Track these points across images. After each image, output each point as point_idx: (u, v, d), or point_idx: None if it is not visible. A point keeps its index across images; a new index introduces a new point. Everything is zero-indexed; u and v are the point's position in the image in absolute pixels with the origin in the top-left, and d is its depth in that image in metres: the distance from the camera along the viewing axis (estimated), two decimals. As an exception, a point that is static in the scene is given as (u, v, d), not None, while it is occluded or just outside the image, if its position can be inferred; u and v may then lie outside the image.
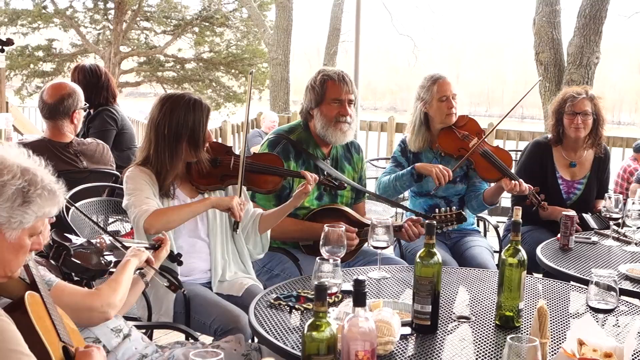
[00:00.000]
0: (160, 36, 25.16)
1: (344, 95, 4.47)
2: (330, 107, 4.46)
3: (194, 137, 3.87)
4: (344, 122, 4.48)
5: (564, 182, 5.23)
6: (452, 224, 4.42)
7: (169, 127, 3.85)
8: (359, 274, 3.77)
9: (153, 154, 3.89)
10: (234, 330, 3.57)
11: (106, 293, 2.91)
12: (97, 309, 2.86)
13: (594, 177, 5.30)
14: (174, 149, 3.86)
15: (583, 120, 5.12)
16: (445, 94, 5.01)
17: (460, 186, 5.11)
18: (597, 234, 4.62)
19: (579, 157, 5.30)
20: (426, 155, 5.11)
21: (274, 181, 4.19)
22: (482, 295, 3.49)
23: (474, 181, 5.15)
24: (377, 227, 3.59)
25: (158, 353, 3.14)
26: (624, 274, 3.76)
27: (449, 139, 5.06)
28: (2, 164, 2.35)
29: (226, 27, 24.85)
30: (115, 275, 3.02)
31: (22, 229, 2.37)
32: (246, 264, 4.16)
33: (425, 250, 2.95)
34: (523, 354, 2.26)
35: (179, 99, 3.91)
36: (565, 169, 5.27)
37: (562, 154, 5.29)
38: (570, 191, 5.26)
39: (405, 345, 2.85)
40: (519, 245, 3.03)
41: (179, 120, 3.84)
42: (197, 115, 3.87)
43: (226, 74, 24.99)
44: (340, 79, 4.47)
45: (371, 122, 12.39)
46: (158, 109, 3.90)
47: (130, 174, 3.89)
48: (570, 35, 11.99)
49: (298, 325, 3.03)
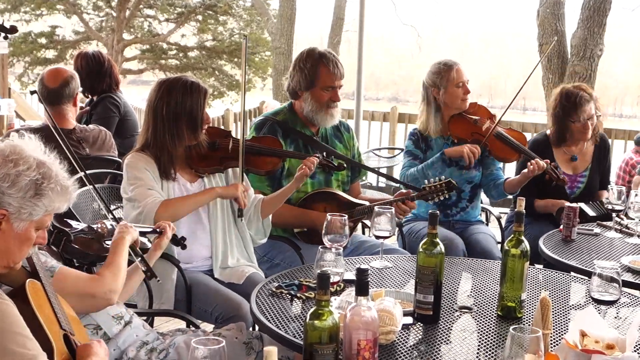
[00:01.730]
0: (163, 24, 25.09)
1: (337, 82, 4.47)
2: (323, 94, 4.44)
3: (192, 119, 3.88)
4: (334, 107, 4.49)
5: (567, 177, 5.21)
6: (443, 194, 4.41)
7: (167, 110, 3.85)
8: (361, 263, 3.76)
9: (152, 137, 3.89)
10: (235, 318, 3.57)
11: (109, 279, 2.90)
12: (100, 295, 2.86)
13: (596, 167, 5.31)
14: (174, 130, 3.86)
15: (592, 124, 5.15)
16: (462, 80, 5.02)
17: (474, 172, 5.11)
18: (599, 225, 4.61)
19: (579, 150, 5.31)
20: (437, 142, 5.11)
21: (273, 162, 4.20)
22: (485, 285, 3.48)
23: (492, 169, 5.15)
24: (379, 216, 3.57)
25: (159, 340, 3.14)
26: (626, 265, 3.76)
27: (461, 125, 5.06)
28: (19, 155, 2.38)
29: (229, 15, 24.77)
30: (113, 258, 3.00)
31: (30, 221, 2.40)
32: (248, 250, 4.16)
33: (428, 239, 2.94)
34: (525, 344, 2.26)
35: (176, 81, 3.92)
36: (566, 163, 5.26)
37: (562, 150, 5.29)
38: (574, 185, 5.25)
39: (407, 335, 2.85)
40: (522, 236, 3.02)
41: (177, 102, 3.85)
42: (195, 97, 3.88)
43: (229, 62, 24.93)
44: (334, 66, 4.44)
45: (374, 112, 12.35)
46: (155, 92, 3.91)
47: (130, 161, 3.89)
48: (574, 27, 11.96)
49: (299, 314, 3.03)
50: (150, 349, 3.07)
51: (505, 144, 5.03)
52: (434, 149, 5.10)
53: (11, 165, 2.35)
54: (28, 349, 2.20)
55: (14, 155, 2.37)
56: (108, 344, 2.97)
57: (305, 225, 4.44)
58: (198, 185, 4.01)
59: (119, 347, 3.02)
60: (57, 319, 2.45)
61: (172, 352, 3.07)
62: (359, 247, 4.50)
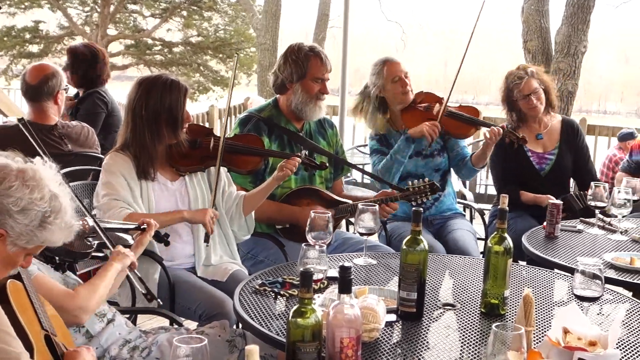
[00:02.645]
0: (148, 19, 25.02)
1: (326, 75, 4.51)
2: (313, 85, 4.47)
3: (172, 117, 3.86)
4: (322, 100, 4.53)
5: (534, 154, 5.33)
6: (426, 195, 4.43)
7: (146, 109, 3.83)
8: (344, 260, 3.76)
9: (131, 136, 3.87)
10: (219, 316, 3.57)
11: (83, 297, 2.87)
12: (70, 311, 2.81)
13: (565, 146, 5.39)
14: (153, 130, 3.84)
15: (537, 98, 5.26)
16: (397, 74, 5.02)
17: (439, 159, 5.13)
18: (582, 222, 4.62)
19: (544, 128, 5.41)
20: (395, 138, 5.11)
21: (254, 161, 4.19)
22: (468, 282, 3.48)
23: (457, 150, 5.19)
24: (363, 213, 3.57)
25: (142, 338, 3.13)
26: (609, 262, 3.77)
27: (413, 117, 5.08)
28: (37, 182, 2.37)
29: (214, 11, 24.72)
30: (95, 279, 2.98)
31: (24, 248, 2.39)
32: (231, 247, 4.15)
33: (411, 237, 2.94)
34: (508, 341, 2.26)
35: (155, 80, 3.90)
36: (533, 142, 5.37)
37: (526, 130, 5.38)
38: (541, 162, 5.34)
39: (391, 332, 2.85)
40: (505, 233, 3.03)
41: (156, 101, 3.83)
42: (175, 95, 3.85)
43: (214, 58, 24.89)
44: (324, 58, 4.50)
45: (358, 108, 12.35)
46: (134, 92, 3.89)
47: (107, 164, 3.86)
48: (558, 23, 11.98)
49: (283, 312, 3.02)
50: (133, 347, 3.06)
51: (459, 120, 5.09)
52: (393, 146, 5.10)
53: (27, 191, 2.34)
54: (13, 347, 2.19)
55: (33, 182, 2.36)
56: (90, 342, 2.97)
57: (287, 221, 4.43)
58: (179, 183, 3.99)
59: (101, 346, 3.00)
60: (38, 319, 2.44)
61: (155, 350, 3.05)
62: (343, 244, 4.49)
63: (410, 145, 4.97)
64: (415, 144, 5.05)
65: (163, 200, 3.91)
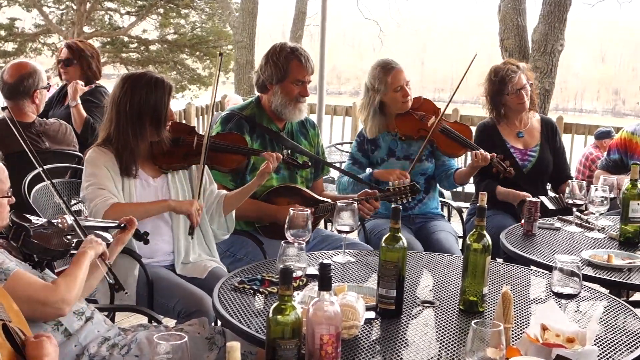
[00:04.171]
0: (124, 17, 24.93)
1: (307, 77, 4.48)
2: (293, 87, 4.45)
3: (156, 115, 3.85)
4: (303, 102, 4.51)
5: (517, 150, 5.35)
6: (407, 196, 4.43)
7: (130, 105, 3.82)
8: (323, 258, 3.76)
9: (114, 132, 3.86)
10: (197, 313, 3.56)
11: (63, 289, 2.86)
12: (51, 304, 2.82)
13: (546, 144, 5.43)
14: (137, 127, 3.83)
15: (525, 93, 5.30)
16: (399, 84, 5.00)
17: (426, 164, 5.13)
18: (560, 220, 4.64)
19: (524, 126, 5.44)
20: (384, 139, 5.12)
21: (237, 160, 4.19)
22: (446, 280, 3.50)
23: (443, 160, 5.19)
24: (342, 211, 3.57)
25: (121, 336, 3.12)
26: (586, 259, 3.79)
27: (407, 122, 5.08)
28: None
29: (191, 8, 24.68)
30: (71, 269, 2.97)
31: None
32: (210, 246, 4.14)
33: (390, 234, 2.94)
34: (487, 338, 2.27)
35: (141, 77, 3.88)
36: (514, 139, 5.40)
37: (507, 128, 5.42)
38: (524, 158, 5.36)
39: (370, 329, 2.85)
40: (484, 231, 3.03)
41: (141, 98, 3.82)
42: (159, 93, 3.85)
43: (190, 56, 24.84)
44: (306, 60, 4.47)
45: (336, 107, 12.36)
46: (119, 88, 3.87)
47: (90, 156, 3.86)
48: (535, 22, 12.03)
49: (262, 309, 3.02)
50: (112, 344, 3.04)
51: (451, 139, 5.08)
52: (382, 147, 5.13)
53: None
54: None
55: None
56: (69, 340, 2.95)
57: (267, 219, 4.43)
58: (161, 180, 3.98)
59: (80, 343, 2.99)
60: None
61: (134, 348, 3.04)
62: (322, 242, 4.50)
63: (370, 182, 4.91)
64: (404, 149, 5.09)
65: (144, 197, 3.90)
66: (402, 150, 5.10)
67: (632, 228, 4.22)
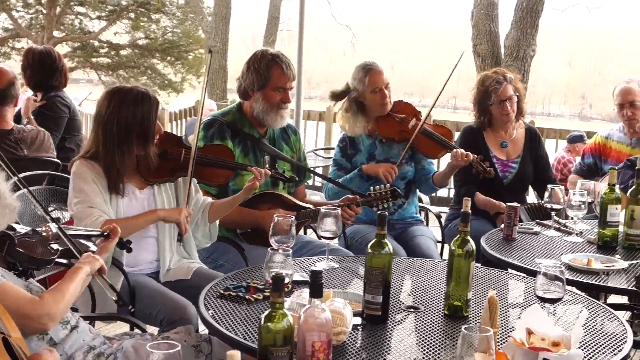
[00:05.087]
0: (95, 21, 24.76)
1: (289, 84, 4.49)
2: (274, 94, 4.46)
3: (143, 131, 3.80)
4: (284, 109, 4.51)
5: (499, 161, 5.38)
6: (388, 201, 4.45)
7: (117, 124, 3.75)
8: (306, 264, 3.77)
9: (102, 151, 3.79)
10: (180, 321, 3.54)
11: (48, 303, 2.81)
12: (35, 319, 2.77)
13: (528, 155, 5.46)
14: (124, 145, 3.77)
15: (511, 104, 5.32)
16: (378, 86, 5.04)
17: (406, 168, 5.16)
18: (539, 224, 4.69)
19: (509, 137, 5.47)
20: (364, 142, 5.14)
21: (225, 174, 4.17)
22: (430, 285, 3.52)
23: (423, 164, 5.22)
24: (325, 217, 3.58)
25: (106, 345, 3.10)
26: (566, 263, 3.83)
27: (388, 125, 5.11)
28: None
29: (162, 13, 24.57)
30: (62, 284, 2.91)
31: None
32: (191, 252, 4.12)
33: (376, 240, 2.96)
34: (476, 343, 2.29)
35: (127, 93, 3.81)
36: (498, 149, 5.42)
37: (493, 136, 5.45)
38: (505, 170, 5.39)
39: (356, 335, 2.87)
40: (468, 236, 3.06)
41: (128, 115, 3.76)
42: (146, 108, 3.79)
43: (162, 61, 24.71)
44: (287, 67, 4.47)
45: (310, 112, 12.35)
46: (106, 104, 3.80)
47: (77, 170, 3.79)
48: (507, 28, 12.13)
49: (249, 316, 3.02)
50: (98, 353, 3.03)
51: (432, 140, 5.12)
52: (362, 150, 5.16)
53: None
54: None
55: None
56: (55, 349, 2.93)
57: (249, 225, 4.43)
58: (147, 192, 3.95)
59: (65, 352, 2.97)
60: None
61: (120, 357, 3.03)
62: (303, 248, 4.50)
63: (363, 183, 4.97)
64: (385, 151, 5.12)
65: (132, 210, 3.85)
66: (381, 153, 5.13)
67: (610, 232, 4.27)
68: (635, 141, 5.55)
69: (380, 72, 5.06)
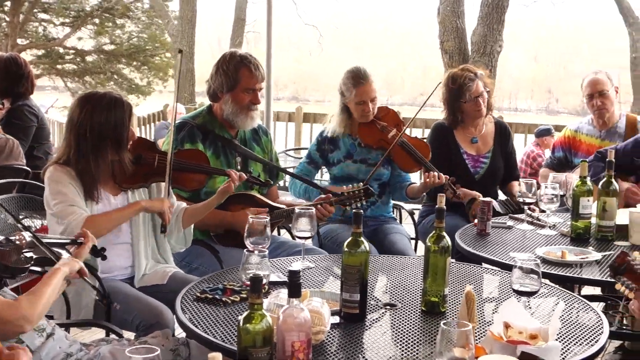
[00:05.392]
0: (59, 28, 24.59)
1: (258, 85, 4.47)
2: (243, 96, 4.44)
3: (116, 137, 3.76)
4: (254, 110, 4.50)
5: (469, 156, 5.39)
6: (361, 200, 4.45)
7: (90, 130, 3.72)
8: (282, 264, 3.76)
9: (74, 157, 3.76)
10: (157, 326, 3.52)
11: (25, 306, 2.78)
12: (12, 322, 2.73)
13: (498, 149, 5.49)
14: (98, 152, 3.74)
15: (483, 100, 5.33)
16: (362, 99, 5.02)
17: (382, 170, 5.16)
18: (512, 218, 4.71)
19: (479, 132, 5.48)
20: (344, 141, 5.14)
21: (199, 180, 4.14)
22: (407, 282, 3.53)
23: (399, 171, 5.22)
24: (300, 217, 3.58)
25: (83, 351, 3.08)
26: (540, 256, 3.85)
27: (369, 131, 5.11)
28: None
29: (127, 18, 24.45)
30: (39, 287, 2.88)
31: None
32: (165, 256, 4.09)
33: (352, 239, 2.96)
34: (455, 338, 2.30)
35: (100, 99, 3.78)
36: (468, 145, 5.44)
37: (463, 132, 5.46)
38: (476, 165, 5.40)
39: (335, 334, 2.86)
40: (443, 232, 3.07)
41: (101, 121, 3.73)
42: (119, 114, 3.76)
43: (128, 66, 24.60)
44: (255, 68, 4.45)
45: (279, 113, 12.34)
46: (78, 110, 3.77)
47: (52, 175, 3.75)
48: (474, 24, 12.18)
49: (226, 318, 3.01)
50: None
51: (409, 154, 5.11)
52: (341, 149, 5.16)
53: None
54: None
55: None
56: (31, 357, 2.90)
57: (222, 227, 4.41)
58: (121, 198, 3.91)
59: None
60: None
61: (98, 363, 3.01)
62: (278, 248, 4.49)
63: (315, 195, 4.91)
64: (363, 153, 5.13)
65: None
66: (359, 154, 5.13)
67: (583, 224, 4.30)
68: (604, 133, 5.59)
69: (369, 85, 5.01)
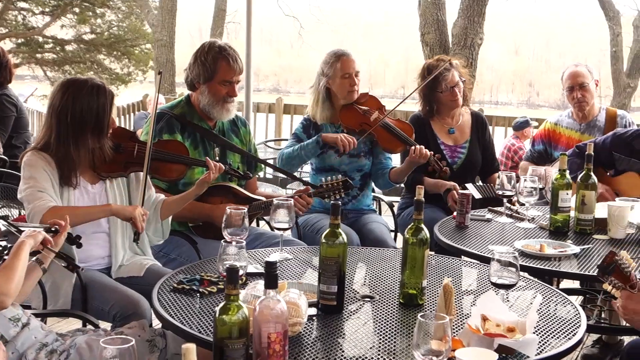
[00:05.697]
0: (38, 17, 24.43)
1: (235, 78, 4.44)
2: (220, 88, 4.41)
3: (98, 124, 3.74)
4: (230, 102, 4.48)
5: (447, 147, 5.39)
6: (340, 192, 4.44)
7: (72, 115, 3.70)
8: (260, 256, 3.75)
9: (54, 142, 3.73)
10: (134, 316, 3.51)
11: (0, 281, 2.80)
12: None
13: (475, 140, 5.49)
14: (78, 137, 3.72)
15: (458, 90, 5.34)
16: (348, 72, 5.04)
17: (364, 161, 5.16)
18: (491, 211, 4.71)
19: (456, 123, 5.49)
20: (327, 130, 5.13)
21: (179, 170, 4.13)
22: (385, 274, 3.52)
23: (380, 158, 5.22)
24: (278, 209, 3.57)
25: (59, 342, 3.06)
26: (519, 249, 3.85)
27: (350, 115, 5.11)
28: None
29: (107, 7, 24.31)
30: (9, 261, 2.89)
31: None
32: (144, 249, 4.07)
33: (330, 230, 2.94)
34: (432, 331, 2.29)
35: (82, 84, 3.76)
36: (445, 135, 5.44)
37: (439, 123, 5.46)
38: (454, 155, 5.40)
39: (312, 326, 2.85)
40: (422, 224, 3.06)
41: (82, 107, 3.71)
42: (101, 101, 3.74)
43: (108, 56, 24.48)
44: (234, 60, 4.42)
45: (259, 104, 12.31)
46: (60, 95, 3.74)
47: (28, 160, 3.73)
48: (455, 16, 12.18)
49: (203, 309, 2.99)
50: (50, 350, 2.99)
51: (392, 134, 5.12)
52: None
53: None
54: None
55: None
56: (6, 347, 2.89)
57: (200, 219, 4.39)
58: (99, 187, 3.89)
59: (17, 350, 2.93)
60: None
61: (74, 353, 2.99)
62: (256, 239, 4.48)
63: (317, 148, 4.99)
64: (325, 158, 5.11)
65: (82, 204, 3.80)
66: None
67: (562, 217, 4.31)
68: (584, 127, 5.59)
69: (352, 60, 5.07)
